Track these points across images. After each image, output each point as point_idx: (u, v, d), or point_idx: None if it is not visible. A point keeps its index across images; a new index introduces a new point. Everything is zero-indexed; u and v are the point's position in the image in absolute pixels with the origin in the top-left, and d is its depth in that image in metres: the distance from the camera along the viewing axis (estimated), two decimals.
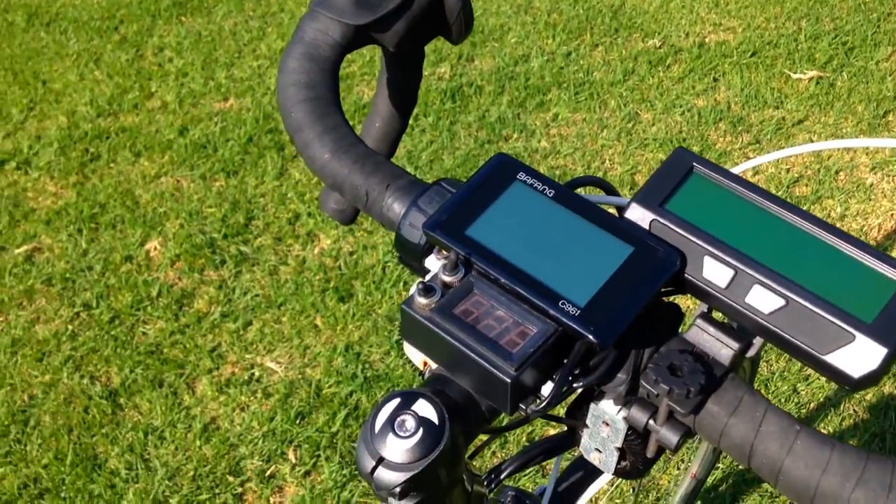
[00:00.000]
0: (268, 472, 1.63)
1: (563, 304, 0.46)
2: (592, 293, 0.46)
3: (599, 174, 2.15)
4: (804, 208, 2.00)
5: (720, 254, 0.47)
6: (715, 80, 2.40)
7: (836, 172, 2.10)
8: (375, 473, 0.44)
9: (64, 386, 1.80)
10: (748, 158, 2.17)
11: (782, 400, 1.64)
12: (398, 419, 0.45)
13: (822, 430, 1.60)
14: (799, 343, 0.44)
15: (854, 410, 1.63)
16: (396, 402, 0.46)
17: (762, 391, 1.66)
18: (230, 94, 2.50)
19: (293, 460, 1.64)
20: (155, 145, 2.35)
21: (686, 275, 0.48)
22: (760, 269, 0.46)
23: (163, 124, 2.41)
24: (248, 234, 2.08)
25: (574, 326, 0.45)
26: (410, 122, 2.35)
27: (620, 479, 1.20)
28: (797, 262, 0.46)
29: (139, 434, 1.70)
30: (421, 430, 0.45)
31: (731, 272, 0.46)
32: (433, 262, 0.54)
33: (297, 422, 1.70)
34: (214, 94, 2.50)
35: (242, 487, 1.62)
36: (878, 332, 0.43)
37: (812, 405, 1.64)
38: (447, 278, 0.48)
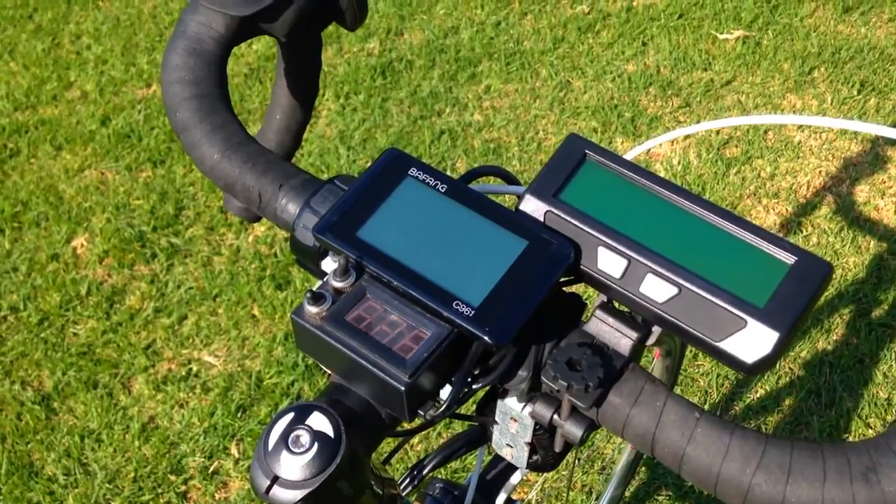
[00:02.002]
0: (211, 469, 1.61)
1: (456, 304, 0.45)
2: (487, 292, 0.45)
3: (533, 145, 2.14)
4: (735, 171, 2.02)
5: (614, 244, 0.46)
6: (644, 44, 2.41)
7: (765, 132, 2.12)
8: (271, 493, 0.43)
9: None
10: (678, 122, 2.19)
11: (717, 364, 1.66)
12: (292, 435, 0.44)
13: (760, 390, 1.63)
14: (693, 331, 0.44)
15: (790, 368, 1.66)
16: (290, 416, 0.44)
17: (701, 355, 1.69)
18: (153, 80, 2.42)
19: (236, 455, 1.62)
20: (77, 137, 2.27)
21: (582, 266, 0.47)
22: (653, 257, 0.45)
23: (84, 115, 2.33)
24: (179, 226, 2.03)
25: (468, 327, 0.44)
26: (341, 100, 2.31)
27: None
28: (690, 248, 0.45)
29: (75, 438, 1.66)
30: (316, 445, 0.43)
31: (624, 262, 0.45)
32: (330, 265, 0.52)
33: (239, 415, 1.67)
34: (136, 81, 2.42)
35: (186, 486, 1.59)
36: (770, 317, 0.42)
37: None
38: (338, 284, 0.46)
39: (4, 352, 1.81)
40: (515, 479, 0.65)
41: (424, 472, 0.66)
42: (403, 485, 0.64)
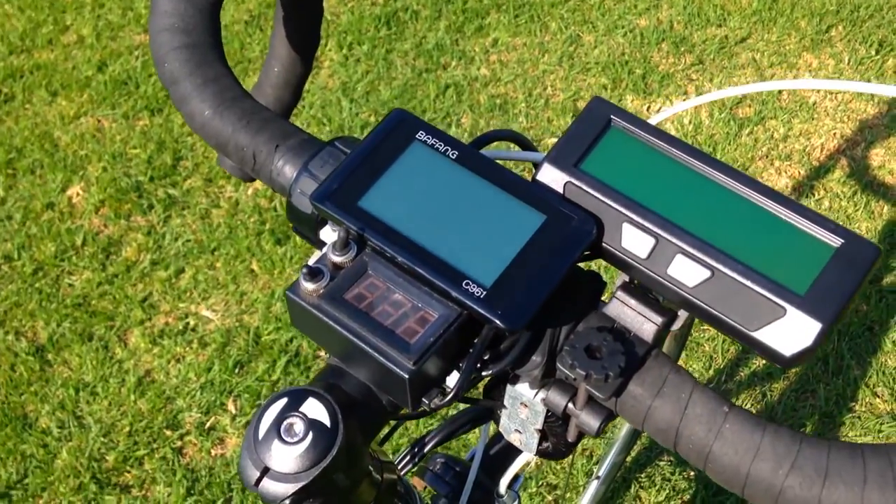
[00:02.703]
0: (207, 424, 1.59)
1: (467, 284, 0.41)
2: (500, 271, 0.41)
3: (541, 101, 2.08)
4: (747, 131, 1.97)
5: (640, 220, 0.42)
6: None
7: (779, 92, 2.06)
8: (260, 485, 0.39)
9: None
10: (691, 80, 2.12)
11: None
12: (285, 422, 0.40)
13: None
14: (726, 318, 0.40)
15: None
16: (283, 402, 0.41)
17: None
18: None
19: (233, 411, 1.60)
20: (73, 83, 2.21)
21: (604, 244, 0.43)
22: (684, 236, 0.41)
23: (80, 60, 2.27)
24: (177, 176, 1.98)
25: (479, 310, 0.40)
26: (344, 50, 2.24)
27: None
28: (724, 227, 0.41)
29: (70, 390, 1.64)
30: (311, 434, 0.40)
31: (651, 241, 0.41)
32: (329, 235, 0.48)
33: (236, 371, 1.65)
34: (134, 26, 2.35)
35: (182, 441, 1.58)
36: (811, 306, 0.39)
37: None
38: (337, 258, 0.42)
39: None
40: (518, 463, 0.62)
41: (425, 450, 0.63)
42: (402, 463, 0.61)
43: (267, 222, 1.87)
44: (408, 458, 0.61)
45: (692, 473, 1.48)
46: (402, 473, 0.58)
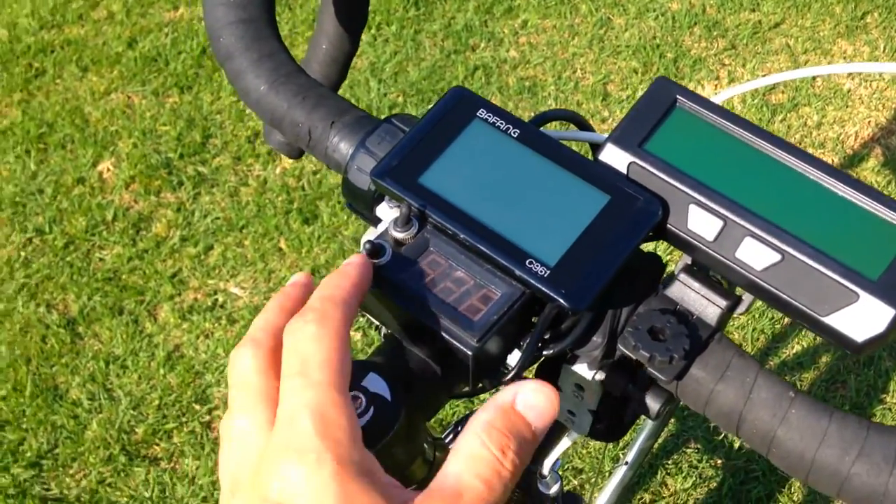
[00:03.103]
0: None
1: (530, 263, 0.40)
2: (564, 250, 0.41)
3: (570, 84, 2.07)
4: (780, 118, 1.94)
5: (708, 202, 0.41)
6: None
7: (813, 79, 2.04)
8: None
9: (19, 315, 1.74)
10: (723, 66, 2.10)
11: (756, 315, 1.63)
12: None
13: (797, 346, 1.59)
14: (796, 303, 0.39)
15: None
16: None
17: None
18: (180, 3, 2.35)
19: None
20: (103, 59, 2.21)
21: (669, 225, 0.42)
22: (753, 219, 0.40)
23: (110, 36, 2.27)
24: (206, 154, 1.98)
25: (543, 289, 0.40)
26: (372, 30, 2.23)
27: None
28: (794, 210, 0.40)
29: (100, 363, 1.65)
30: (372, 409, 0.40)
31: (719, 223, 0.41)
32: (385, 211, 0.48)
33: None
34: (164, 3, 2.35)
35: (210, 416, 1.59)
36: (885, 291, 0.38)
37: (787, 320, 1.63)
38: (399, 234, 0.42)
39: (30, 274, 1.80)
40: (564, 445, 0.62)
41: None
42: (448, 440, 0.61)
43: (295, 201, 1.87)
44: (452, 436, 0.61)
45: (719, 461, 1.48)
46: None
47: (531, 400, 0.34)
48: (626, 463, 1.31)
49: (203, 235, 1.84)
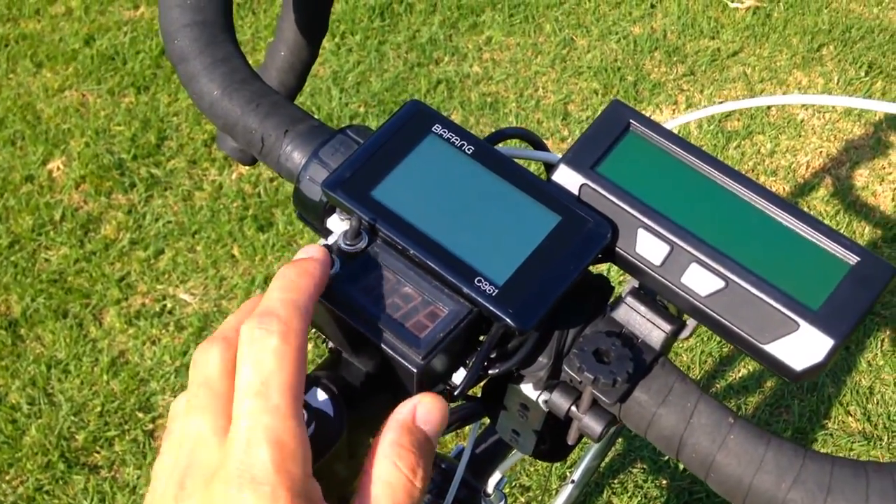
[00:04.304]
0: None
1: (479, 281, 0.40)
2: (512, 270, 0.41)
3: (532, 102, 2.08)
4: (734, 145, 1.98)
5: (656, 227, 0.41)
6: (652, 6, 2.34)
7: (768, 107, 2.08)
8: None
9: None
10: (682, 91, 2.13)
11: (704, 338, 1.65)
12: None
13: (742, 370, 1.61)
14: (738, 330, 0.40)
15: None
16: None
17: None
18: (141, 2, 2.32)
19: None
20: (58, 55, 2.17)
21: (617, 248, 0.42)
22: (700, 245, 0.41)
23: (67, 32, 2.23)
24: (160, 156, 1.95)
25: (491, 308, 0.40)
26: (336, 39, 2.23)
27: None
28: (740, 238, 0.41)
29: (41, 367, 1.61)
30: (314, 425, 0.39)
31: (667, 248, 0.41)
32: (336, 223, 0.47)
33: None
34: (124, 1, 2.32)
35: (153, 424, 1.56)
36: (825, 321, 0.39)
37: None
38: (348, 247, 0.42)
39: None
40: (509, 463, 0.62)
41: None
42: None
43: (250, 208, 1.85)
44: None
45: (664, 482, 1.49)
46: None
47: (428, 414, 0.37)
48: (573, 482, 1.32)
49: (154, 239, 1.80)
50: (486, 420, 0.84)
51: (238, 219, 1.83)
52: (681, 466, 1.49)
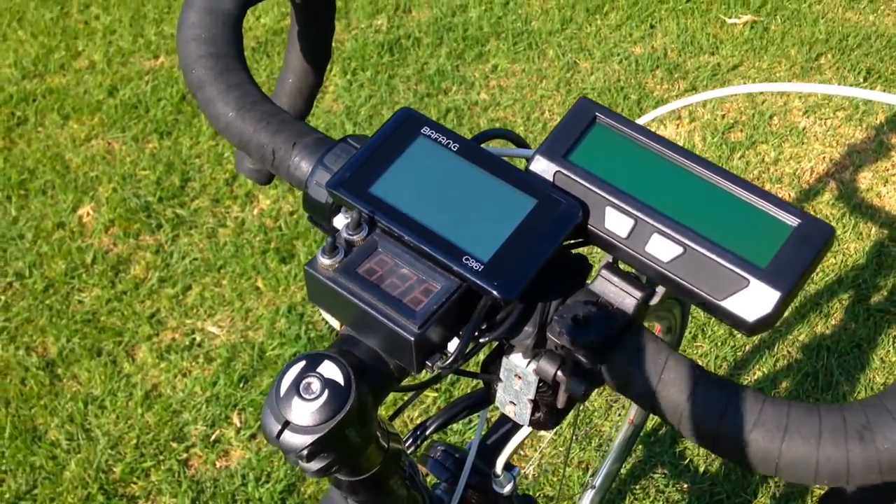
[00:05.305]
0: (213, 437, 1.63)
1: (466, 259, 0.46)
2: (496, 248, 0.46)
3: (539, 125, 2.15)
4: (739, 155, 2.02)
5: (621, 204, 0.47)
6: (652, 26, 2.40)
7: (770, 117, 2.13)
8: (282, 437, 0.44)
9: None
10: (684, 105, 2.18)
11: (718, 343, 1.68)
12: (303, 382, 0.45)
13: (757, 372, 1.64)
14: (697, 290, 0.45)
15: (788, 351, 1.68)
16: (301, 364, 0.45)
17: (700, 336, 1.70)
18: (160, 52, 2.43)
19: (238, 424, 1.64)
20: (84, 107, 2.27)
21: (589, 226, 0.48)
22: (659, 217, 0.46)
23: (91, 85, 2.34)
24: (185, 197, 2.03)
25: (477, 282, 0.45)
26: (348, 76, 2.31)
27: (561, 429, 1.20)
28: (695, 209, 0.46)
29: (79, 404, 1.68)
30: (326, 392, 0.44)
31: (631, 222, 0.46)
32: (342, 221, 0.53)
33: (241, 385, 1.69)
34: (144, 52, 2.42)
35: (187, 453, 1.61)
36: (771, 277, 0.44)
37: (747, 347, 1.69)
38: (351, 237, 0.47)
39: (10, 317, 1.82)
40: (515, 442, 0.66)
41: (427, 432, 0.67)
42: (406, 444, 0.65)
43: (272, 241, 1.92)
44: (411, 440, 0.66)
45: (685, 485, 1.52)
46: (407, 451, 0.62)
47: None
48: (593, 487, 1.35)
49: (181, 276, 1.87)
50: (491, 420, 0.89)
51: (261, 252, 1.90)
52: (701, 469, 1.52)
